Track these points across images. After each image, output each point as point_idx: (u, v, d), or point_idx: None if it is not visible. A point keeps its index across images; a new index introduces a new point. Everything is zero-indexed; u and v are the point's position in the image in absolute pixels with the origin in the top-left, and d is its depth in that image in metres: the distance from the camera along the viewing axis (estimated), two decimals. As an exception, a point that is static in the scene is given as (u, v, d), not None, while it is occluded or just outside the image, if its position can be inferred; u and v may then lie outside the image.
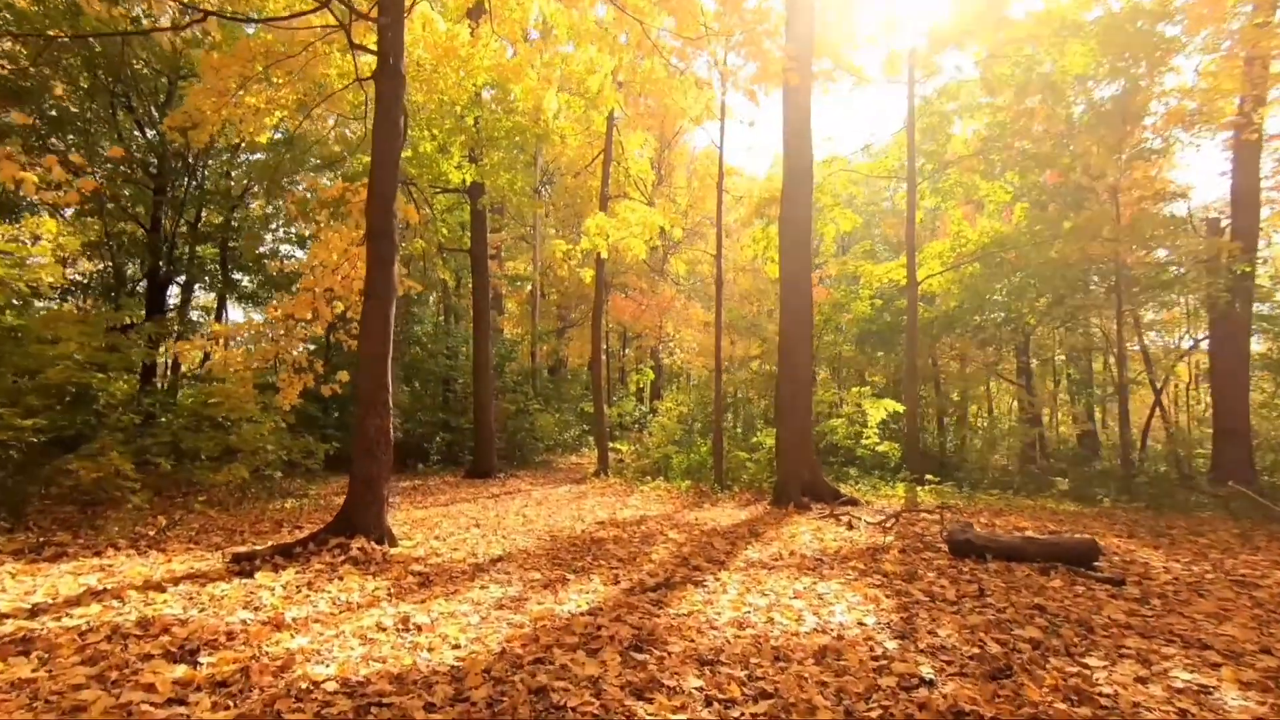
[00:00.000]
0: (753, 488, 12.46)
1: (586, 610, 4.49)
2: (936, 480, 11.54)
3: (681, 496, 11.75)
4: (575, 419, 22.73)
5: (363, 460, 6.35)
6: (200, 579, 5.04)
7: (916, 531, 7.40)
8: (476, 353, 15.16)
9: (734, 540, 7.12)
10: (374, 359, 6.47)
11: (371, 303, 6.53)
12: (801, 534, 7.41)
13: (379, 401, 6.44)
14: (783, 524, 8.31)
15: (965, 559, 5.99)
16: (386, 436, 6.48)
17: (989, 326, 18.58)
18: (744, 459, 13.51)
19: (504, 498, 11.56)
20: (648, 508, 10.44)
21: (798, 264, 10.93)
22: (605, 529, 8.07)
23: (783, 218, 11.15)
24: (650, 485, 12.81)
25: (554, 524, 8.48)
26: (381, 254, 6.58)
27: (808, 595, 4.87)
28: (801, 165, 11.06)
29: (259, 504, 9.24)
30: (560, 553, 6.52)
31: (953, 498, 10.86)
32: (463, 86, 11.86)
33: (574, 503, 10.96)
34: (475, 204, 14.60)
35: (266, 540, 6.87)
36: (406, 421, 17.45)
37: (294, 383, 10.23)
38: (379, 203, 6.63)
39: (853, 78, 16.99)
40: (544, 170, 23.16)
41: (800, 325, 10.82)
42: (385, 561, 5.79)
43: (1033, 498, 11.58)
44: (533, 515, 9.39)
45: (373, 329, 6.50)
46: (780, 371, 11.05)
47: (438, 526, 8.04)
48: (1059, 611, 4.46)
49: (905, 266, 16.21)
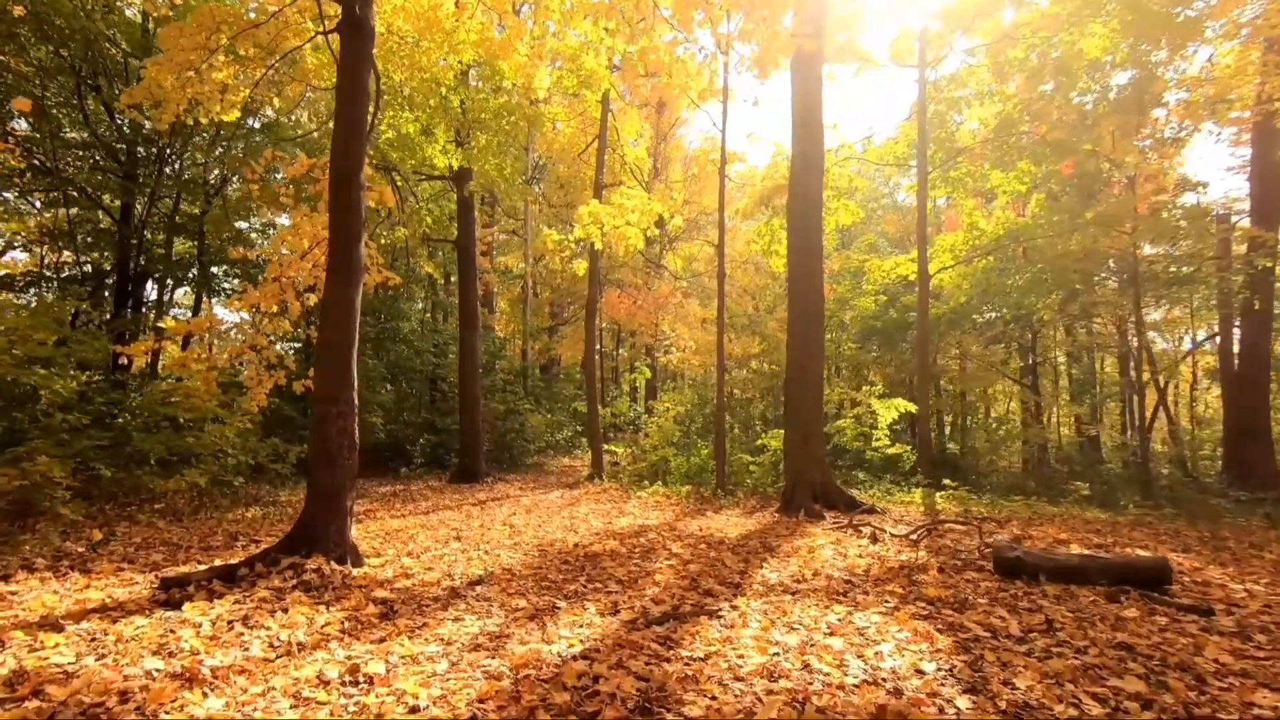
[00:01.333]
0: (757, 493, 11.68)
1: (580, 653, 3.67)
2: (954, 485, 10.78)
3: (682, 503, 10.95)
4: (568, 419, 21.89)
5: (322, 467, 5.51)
6: (114, 612, 4.19)
7: (950, 545, 6.62)
8: (463, 349, 14.31)
9: (746, 556, 6.31)
10: (336, 349, 5.64)
11: (334, 285, 5.70)
12: (821, 548, 6.62)
13: (342, 399, 5.60)
14: (797, 535, 7.51)
15: (1015, 580, 5.21)
16: (350, 440, 5.65)
17: (998, 324, 17.91)
18: (747, 462, 12.72)
19: (490, 504, 10.72)
20: (646, 515, 9.63)
21: (807, 251, 10.16)
22: (601, 541, 7.26)
23: (792, 201, 10.38)
24: (648, 490, 12.00)
25: (544, 535, 7.66)
26: (346, 230, 5.75)
27: (846, 630, 4.07)
28: (812, 144, 10.30)
29: (218, 514, 8.38)
30: (550, 572, 5.70)
31: (974, 504, 10.10)
32: (447, 63, 11.03)
33: (566, 510, 10.14)
34: (461, 191, 13.77)
35: (215, 557, 6.02)
36: (390, 423, 16.58)
37: (264, 381, 9.36)
38: (343, 173, 5.80)
39: (857, 64, 16.32)
40: (536, 163, 22.32)
41: (810, 318, 10.05)
42: (344, 586, 4.95)
43: (1054, 503, 10.85)
44: (521, 525, 8.57)
45: (335, 314, 5.66)
46: (788, 368, 10.27)
47: (413, 540, 7.20)
48: (1151, 652, 3.69)
49: (914, 260, 15.50)
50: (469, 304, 14.24)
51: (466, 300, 14.26)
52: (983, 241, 14.37)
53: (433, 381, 19.09)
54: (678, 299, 23.62)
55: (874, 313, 18.10)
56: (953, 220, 20.23)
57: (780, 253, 15.62)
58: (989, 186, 14.91)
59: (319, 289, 9.22)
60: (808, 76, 10.40)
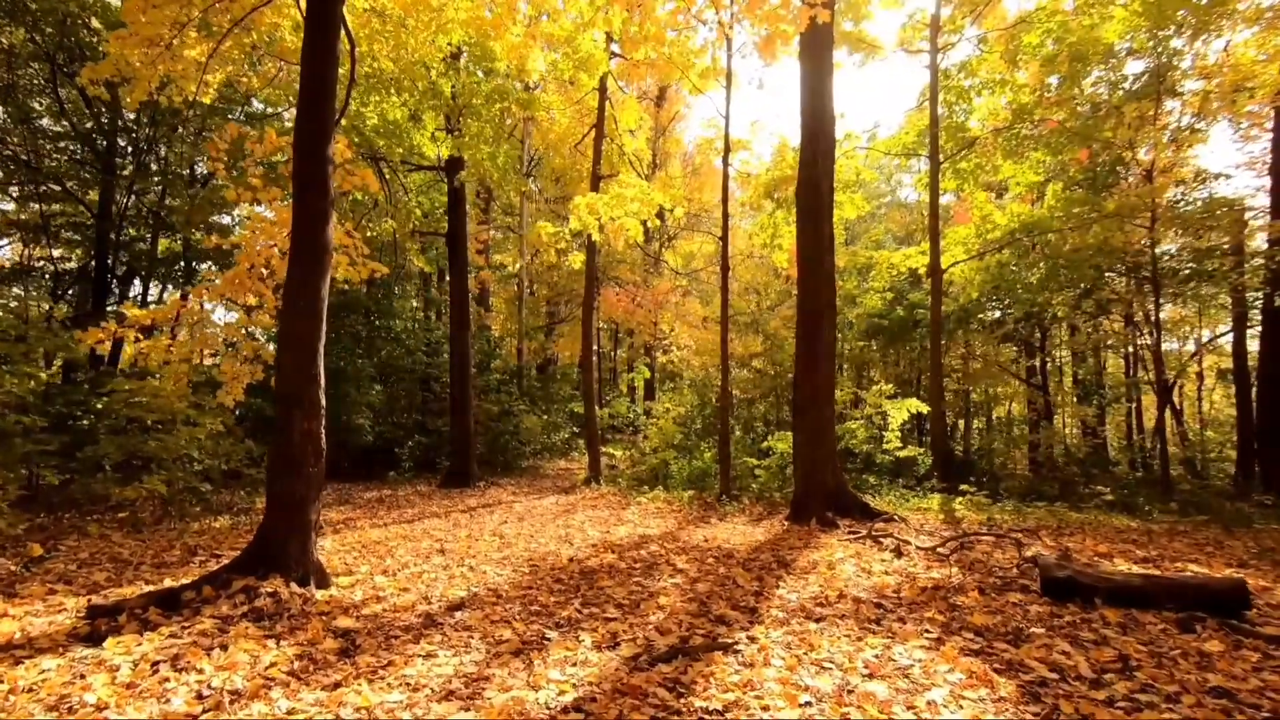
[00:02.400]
0: (764, 499, 11.06)
1: (573, 702, 3.04)
2: (973, 490, 10.16)
3: (684, 509, 10.33)
4: (564, 421, 21.24)
5: (283, 476, 4.88)
6: (21, 650, 3.55)
7: (983, 560, 6.00)
8: (454, 347, 13.68)
9: (759, 573, 5.69)
10: (299, 340, 5.00)
11: (297, 269, 5.06)
12: (841, 563, 6.00)
13: (306, 397, 4.96)
14: (812, 547, 6.89)
15: (1067, 603, 4.60)
16: (316, 445, 5.01)
17: (1009, 321, 17.33)
18: (752, 466, 12.10)
19: (481, 511, 10.08)
20: (646, 523, 9.01)
21: (817, 243, 9.55)
22: (598, 554, 6.63)
23: (801, 191, 9.76)
24: (648, 496, 11.37)
25: (536, 548, 7.03)
26: (310, 209, 5.11)
27: (886, 670, 3.45)
28: (822, 131, 9.69)
29: (182, 524, 7.72)
30: (540, 593, 5.07)
31: (995, 511, 9.49)
32: (435, 44, 10.41)
33: (561, 517, 9.51)
34: (452, 182, 13.13)
35: (166, 576, 5.38)
36: (378, 424, 15.93)
37: (240, 375, 8.71)
38: (308, 144, 5.17)
39: (862, 54, 15.74)
40: (531, 157, 21.69)
41: (820, 313, 9.43)
42: (303, 614, 4.32)
43: (1075, 509, 10.25)
44: (512, 535, 7.93)
45: (298, 301, 5.03)
46: (797, 365, 9.65)
47: (392, 553, 6.56)
48: (1256, 700, 3.07)
49: (924, 253, 14.91)
50: (461, 300, 13.61)
51: (458, 296, 13.62)
52: (995, 235, 13.77)
53: (424, 382, 18.45)
54: (677, 297, 23.02)
55: (880, 310, 17.51)
56: (961, 216, 19.66)
57: (784, 246, 15.02)
58: (1000, 178, 14.32)
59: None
60: (817, 61, 9.80)
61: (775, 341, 17.71)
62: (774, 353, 17.64)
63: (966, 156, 14.24)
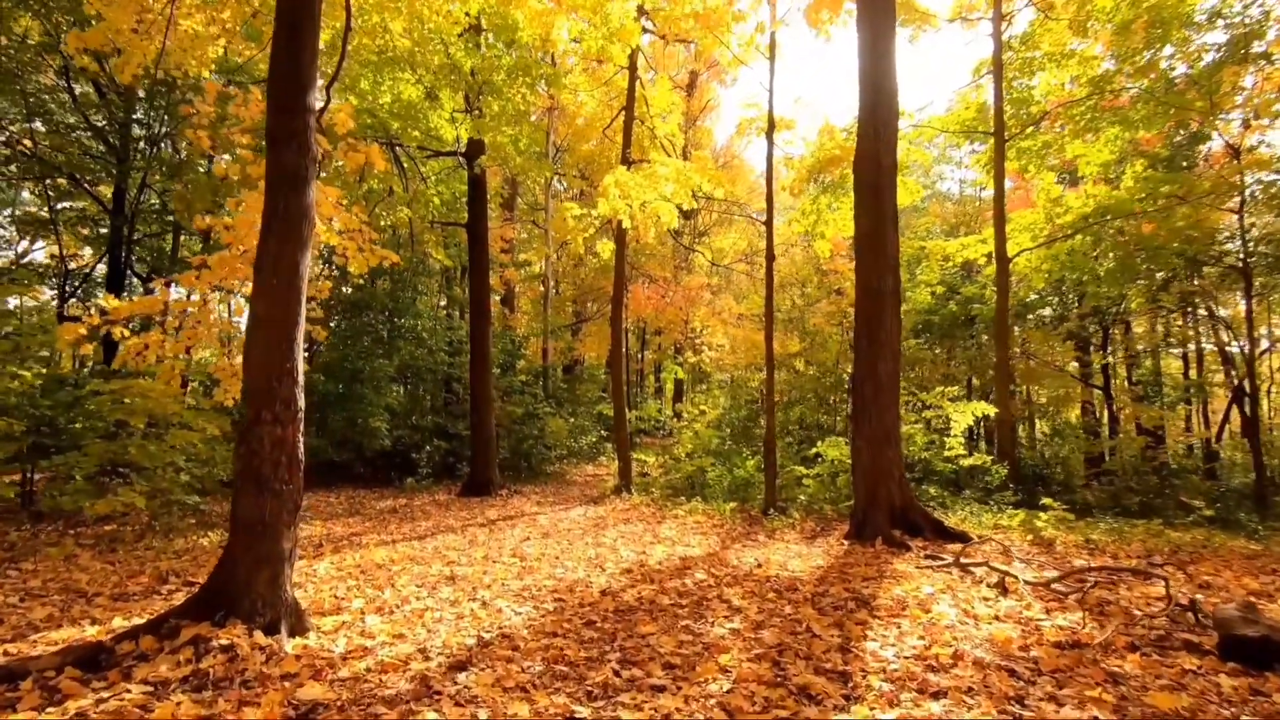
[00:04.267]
0: (813, 512, 9.94)
1: None
2: (1055, 504, 8.90)
3: (726, 524, 9.26)
4: (592, 424, 20.28)
5: (248, 494, 3.94)
6: None
7: (1115, 601, 4.83)
8: (474, 344, 12.78)
9: (836, 616, 4.60)
10: (271, 328, 4.06)
11: (271, 240, 4.13)
12: (934, 602, 4.88)
13: (279, 396, 4.02)
14: (887, 576, 5.77)
15: (1266, 672, 3.45)
16: (291, 455, 4.07)
17: (1072, 316, 15.94)
18: (799, 475, 10.97)
19: (501, 524, 9.13)
20: (686, 541, 7.96)
21: (878, 224, 8.42)
22: (635, 585, 5.60)
23: (860, 167, 8.64)
24: (685, 508, 10.32)
25: (562, 574, 6.02)
26: (287, 168, 4.18)
27: (1073, 798, 2.35)
28: (884, 101, 8.56)
29: (166, 540, 6.87)
30: (568, 642, 4.06)
31: (1085, 529, 8.25)
32: (451, 13, 9.51)
33: (590, 533, 8.50)
34: (472, 168, 12.24)
35: (118, 613, 4.48)
36: (397, 428, 15.12)
37: (238, 373, 7.89)
38: (285, 90, 4.23)
39: (912, 28, 14.51)
40: (556, 148, 20.79)
41: (882, 297, 8.31)
42: (262, 677, 3.35)
43: (1171, 526, 8.94)
44: (534, 555, 6.95)
45: (271, 279, 4.09)
46: (857, 360, 8.53)
47: (394, 581, 5.60)
48: None
49: (984, 241, 13.64)
50: (481, 293, 12.71)
51: (478, 289, 12.73)
52: (1066, 220, 12.44)
53: (446, 383, 17.64)
54: (709, 294, 21.94)
55: (929, 305, 16.24)
56: (1017, 205, 18.28)
57: (826, 235, 13.88)
58: (1070, 156, 12.98)
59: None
60: (877, 23, 8.66)
61: (817, 339, 16.54)
62: (815, 351, 16.48)
63: (1032, 135, 12.94)
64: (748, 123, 11.57)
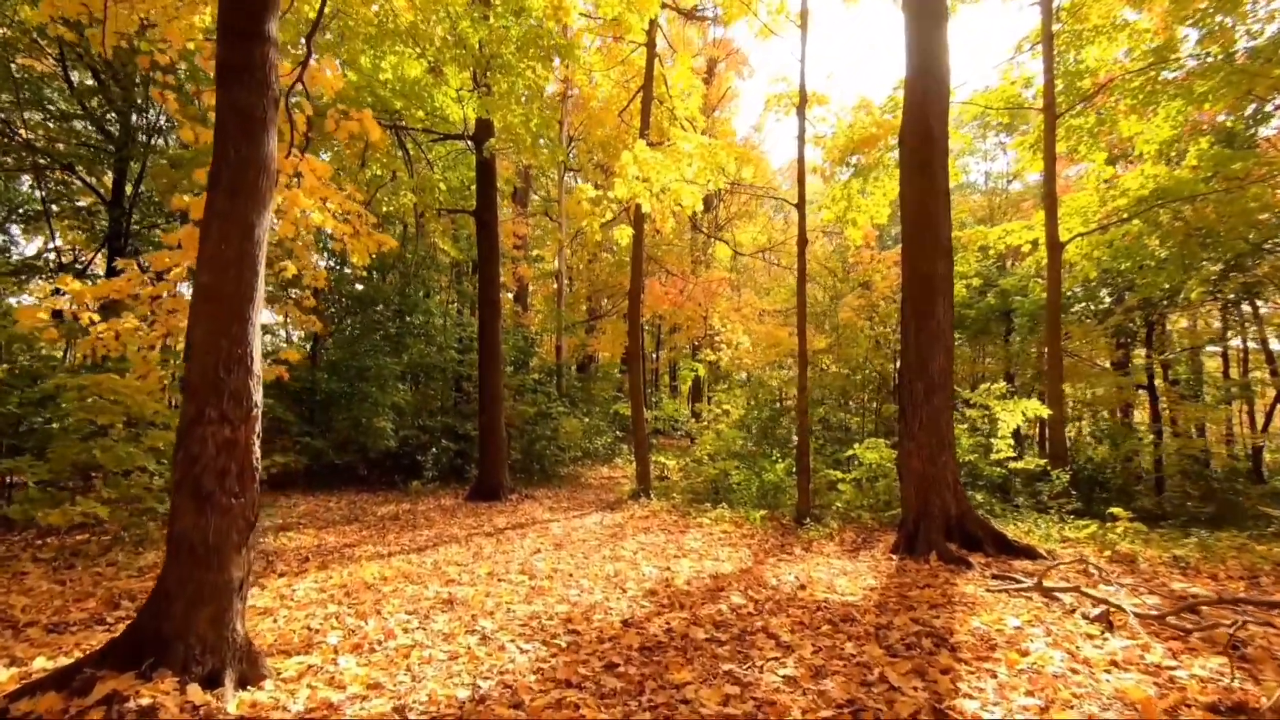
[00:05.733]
0: (851, 520, 9.08)
1: None
2: (1125, 514, 7.93)
3: (756, 532, 8.42)
4: (607, 424, 19.48)
5: (188, 510, 3.17)
6: None
7: (1253, 641, 3.94)
8: (483, 338, 12.02)
9: (914, 659, 3.74)
10: (217, 303, 3.30)
11: (221, 196, 3.36)
12: (1027, 640, 4.01)
13: (227, 390, 3.25)
14: (961, 604, 4.91)
15: None
16: (243, 462, 3.29)
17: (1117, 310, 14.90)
18: (833, 479, 10.10)
19: (510, 534, 8.35)
20: (715, 554, 7.13)
21: (928, 202, 7.54)
22: (661, 612, 4.79)
23: (907, 140, 7.78)
24: (710, 515, 9.48)
25: (577, 597, 5.22)
26: (238, 106, 3.41)
27: None
28: (933, 67, 7.68)
29: (135, 553, 6.14)
30: (584, 696, 3.24)
31: (1164, 542, 7.31)
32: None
33: (608, 544, 7.70)
34: (480, 152, 11.49)
35: (42, 653, 3.73)
36: (403, 427, 14.41)
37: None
38: (235, 11, 3.47)
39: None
40: (570, 138, 20.01)
41: (933, 282, 7.43)
42: (184, 753, 2.58)
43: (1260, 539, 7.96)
44: (545, 571, 6.15)
45: (220, 244, 3.32)
46: (905, 352, 7.66)
47: (381, 606, 4.81)
48: None
49: (1030, 228, 12.68)
50: (490, 285, 11.96)
51: (487, 280, 11.98)
52: (1121, 203, 11.45)
53: (456, 382, 16.91)
54: (729, 289, 21.08)
55: (964, 299, 15.28)
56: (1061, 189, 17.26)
57: (859, 222, 12.97)
58: (1126, 135, 11.98)
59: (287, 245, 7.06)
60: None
61: (844, 335, 15.63)
62: (844, 348, 15.57)
63: (1084, 111, 11.97)
64: (775, 99, 10.69)
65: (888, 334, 15.42)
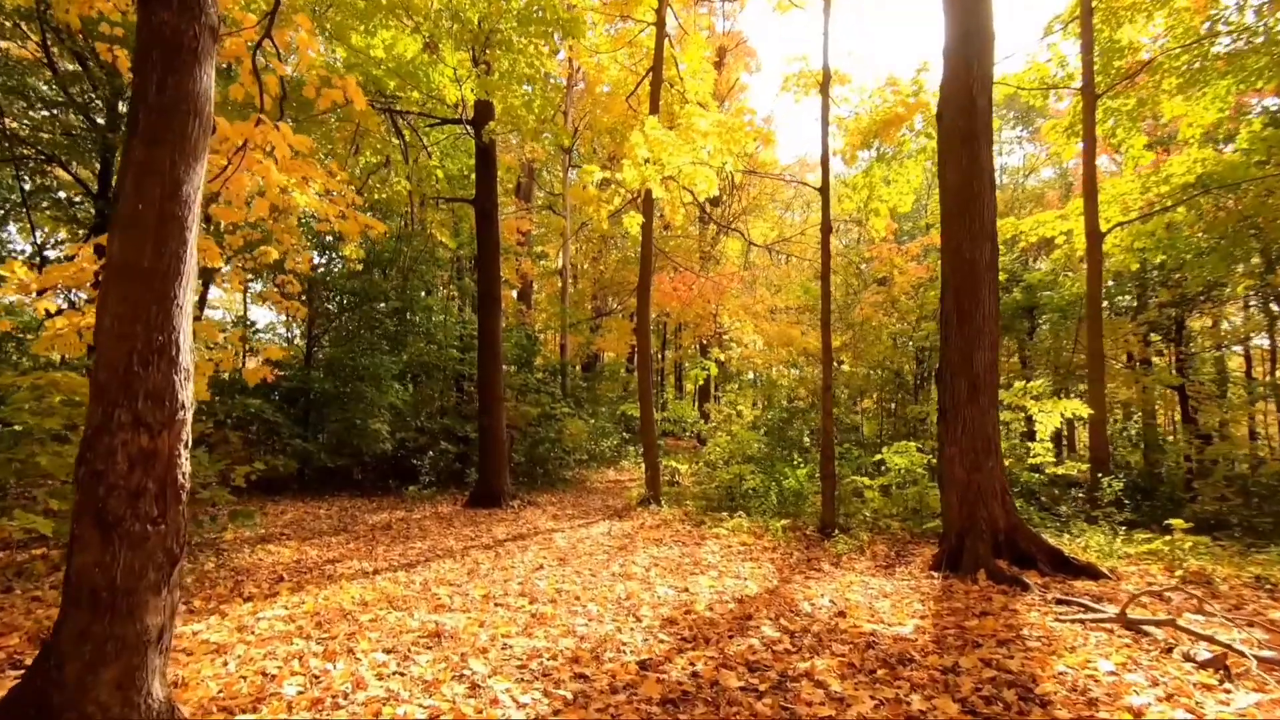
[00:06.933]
0: (880, 531, 8.37)
1: None
2: (1182, 525, 7.17)
3: (778, 545, 7.71)
4: (613, 426, 18.78)
5: (90, 543, 2.48)
6: None
7: None
8: (483, 335, 11.34)
9: (998, 716, 3.04)
10: (132, 280, 2.61)
11: (134, 146, 2.67)
12: (1131, 693, 3.29)
13: (144, 388, 2.56)
14: (1029, 637, 4.19)
15: None
16: (165, 477, 2.60)
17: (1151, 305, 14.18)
18: (859, 486, 9.38)
19: (510, 546, 7.65)
20: (736, 570, 6.43)
21: (972, 169, 6.82)
22: (683, 648, 4.09)
23: (949, 100, 7.05)
24: (727, 525, 8.77)
25: (585, 628, 4.51)
26: (160, 32, 2.72)
27: None
28: (978, 16, 6.95)
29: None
30: (596, 775, 2.55)
31: (1238, 560, 6.58)
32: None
33: (617, 558, 7.00)
34: (480, 137, 10.81)
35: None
36: (400, 429, 13.74)
37: (199, 365, 6.51)
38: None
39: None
40: (574, 129, 19.32)
41: (976, 268, 6.71)
42: None
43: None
44: (548, 593, 5.45)
45: (134, 208, 2.64)
46: (945, 348, 6.93)
47: (355, 643, 4.12)
48: None
49: (1065, 218, 11.93)
50: (490, 278, 11.27)
51: (487, 273, 11.29)
52: (1164, 190, 10.71)
53: (457, 382, 16.24)
54: (739, 286, 20.36)
55: (990, 294, 14.51)
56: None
57: (882, 211, 12.25)
58: (1169, 117, 11.24)
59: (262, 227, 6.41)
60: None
61: (863, 332, 14.91)
62: (861, 344, 14.86)
63: (1124, 92, 11.22)
64: (794, 78, 9.98)
65: (908, 330, 14.71)
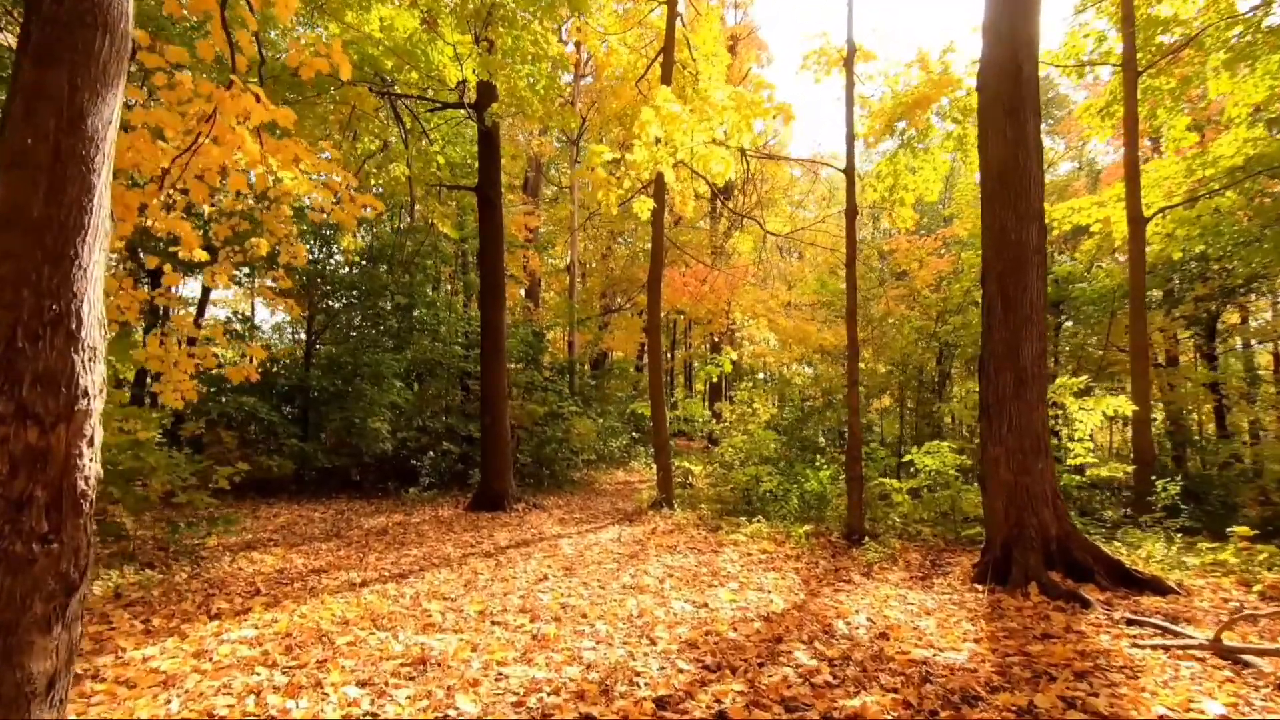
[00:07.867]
0: (911, 538, 7.78)
1: None
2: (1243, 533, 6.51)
3: (803, 554, 7.12)
4: (622, 425, 18.21)
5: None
6: None
7: None
8: (486, 331, 10.81)
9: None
10: (23, 232, 2.07)
11: (23, 67, 2.13)
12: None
13: (34, 369, 2.02)
14: (1113, 669, 3.60)
15: None
16: (59, 482, 2.06)
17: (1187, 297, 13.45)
18: (887, 489, 8.77)
19: (512, 554, 7.10)
20: (758, 581, 5.86)
21: (1018, 142, 6.23)
22: (707, 680, 3.52)
23: (991, 68, 6.45)
24: (746, 530, 8.18)
25: (592, 653, 3.95)
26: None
27: None
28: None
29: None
30: None
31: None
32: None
33: (628, 568, 6.43)
34: (482, 121, 10.29)
35: None
36: (401, 429, 13.24)
37: (180, 362, 6.03)
38: None
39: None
40: (583, 117, 18.78)
41: (1025, 255, 6.12)
42: None
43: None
44: (552, 609, 4.89)
45: (23, 143, 2.09)
46: (987, 341, 6.33)
47: (329, 670, 3.57)
48: None
49: (1101, 205, 11.27)
50: (493, 270, 10.74)
51: (490, 265, 10.76)
52: (1210, 172, 10.04)
53: (461, 379, 15.74)
54: (751, 282, 19.75)
55: (1018, 287, 13.84)
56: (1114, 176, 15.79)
57: (907, 200, 11.63)
58: (1214, 95, 10.56)
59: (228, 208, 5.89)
60: None
61: (885, 328, 14.27)
62: (882, 339, 14.22)
63: (1164, 70, 10.55)
64: (814, 55, 9.39)
65: (930, 325, 14.06)
